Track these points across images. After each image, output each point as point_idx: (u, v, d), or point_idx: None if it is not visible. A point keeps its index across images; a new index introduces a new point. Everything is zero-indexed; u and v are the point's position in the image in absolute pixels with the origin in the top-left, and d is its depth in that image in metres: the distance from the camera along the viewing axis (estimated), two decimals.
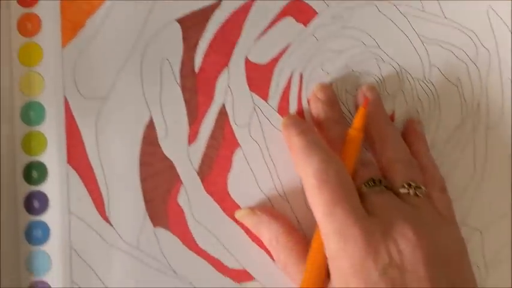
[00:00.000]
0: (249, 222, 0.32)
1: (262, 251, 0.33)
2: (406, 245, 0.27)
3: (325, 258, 0.29)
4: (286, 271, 0.31)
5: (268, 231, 0.32)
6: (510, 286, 0.34)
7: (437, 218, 0.30)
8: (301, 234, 0.33)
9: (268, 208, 0.33)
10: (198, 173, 0.33)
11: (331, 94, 0.33)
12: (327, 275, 0.29)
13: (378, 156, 0.32)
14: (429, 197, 0.31)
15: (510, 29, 0.35)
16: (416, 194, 0.30)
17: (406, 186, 0.30)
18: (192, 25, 0.33)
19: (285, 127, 0.32)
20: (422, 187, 0.30)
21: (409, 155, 0.32)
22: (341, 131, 0.32)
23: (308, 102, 0.34)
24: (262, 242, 0.33)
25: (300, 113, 0.34)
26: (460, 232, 0.31)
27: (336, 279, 0.28)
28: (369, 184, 0.30)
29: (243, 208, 0.33)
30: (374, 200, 0.29)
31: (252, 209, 0.32)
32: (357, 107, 0.33)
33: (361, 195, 0.29)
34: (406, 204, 0.29)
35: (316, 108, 0.33)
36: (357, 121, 0.31)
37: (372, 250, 0.27)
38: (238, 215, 0.33)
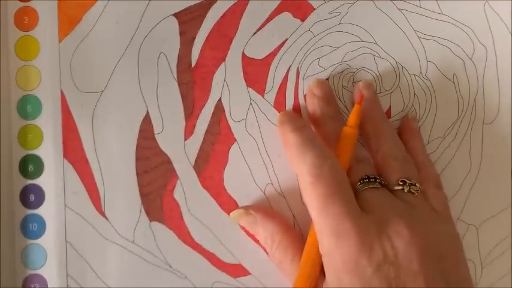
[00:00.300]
0: (244, 222, 0.32)
1: (258, 246, 0.33)
2: (400, 241, 0.27)
3: (319, 255, 0.29)
4: (281, 268, 0.31)
5: (264, 230, 0.32)
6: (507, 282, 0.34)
7: (432, 215, 0.30)
8: (297, 232, 0.33)
9: (263, 207, 0.33)
10: (194, 168, 0.33)
11: (328, 90, 0.33)
12: (322, 272, 0.29)
13: (373, 153, 0.32)
14: (424, 194, 0.31)
15: (507, 25, 0.35)
16: (410, 191, 0.30)
17: (401, 183, 0.30)
18: (189, 20, 0.33)
19: (280, 124, 0.32)
20: (417, 184, 0.30)
21: (405, 152, 0.32)
22: (337, 127, 0.32)
23: (305, 97, 0.34)
24: None
25: (297, 108, 0.34)
26: (455, 229, 0.31)
27: (329, 276, 0.28)
28: (364, 181, 0.30)
29: (237, 209, 0.33)
30: (369, 197, 0.29)
31: (246, 209, 0.32)
32: (353, 104, 0.33)
33: (356, 192, 0.29)
34: (400, 201, 0.29)
35: (313, 104, 0.33)
36: (352, 118, 0.31)
37: (366, 247, 0.27)
38: (233, 216, 0.33)
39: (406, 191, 0.30)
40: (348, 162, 0.31)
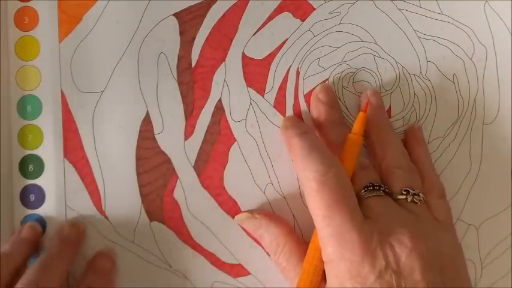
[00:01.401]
0: (248, 225, 0.32)
1: (258, 245, 0.33)
2: (402, 250, 0.27)
3: (321, 261, 0.29)
4: (284, 273, 0.31)
5: (268, 234, 0.32)
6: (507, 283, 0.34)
7: (434, 225, 0.30)
8: (300, 236, 0.33)
9: (267, 211, 0.33)
10: (194, 168, 0.33)
11: (333, 95, 0.33)
12: (323, 277, 0.29)
13: (378, 161, 0.32)
14: (427, 204, 0.31)
15: (507, 25, 0.35)
16: (413, 201, 0.30)
17: (404, 192, 0.30)
18: (189, 19, 0.33)
19: (284, 128, 0.32)
20: (421, 194, 0.30)
21: (409, 162, 0.32)
22: (341, 133, 0.32)
23: (305, 98, 0.34)
24: None
25: (298, 114, 0.34)
26: (457, 238, 0.31)
27: (332, 283, 0.28)
28: (368, 188, 0.30)
29: (242, 213, 0.33)
30: (372, 205, 0.29)
31: (252, 213, 0.32)
32: (358, 108, 0.33)
33: (360, 199, 0.29)
34: (404, 210, 0.29)
35: (317, 109, 0.33)
36: (357, 125, 0.31)
37: (369, 254, 0.27)
38: (238, 218, 0.33)
39: (409, 200, 0.30)
40: (352, 169, 0.31)
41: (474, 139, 0.34)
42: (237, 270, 0.33)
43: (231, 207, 0.33)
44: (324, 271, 0.29)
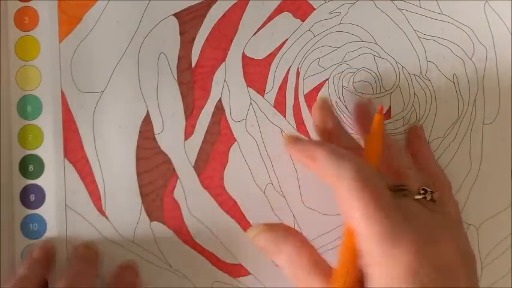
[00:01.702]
0: (264, 239, 0.30)
1: None
2: (448, 246, 0.27)
3: (353, 262, 0.27)
4: (305, 285, 0.29)
5: (286, 246, 0.29)
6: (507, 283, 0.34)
7: (454, 222, 0.30)
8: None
9: (282, 224, 0.32)
10: (195, 168, 0.33)
11: (330, 108, 0.33)
12: (358, 279, 0.28)
13: (386, 165, 0.31)
14: (441, 202, 0.31)
15: (507, 25, 0.35)
16: (432, 199, 0.30)
17: (422, 192, 0.30)
18: (189, 20, 0.33)
19: (292, 143, 0.31)
20: (436, 192, 0.30)
21: (412, 162, 0.32)
22: (351, 139, 0.32)
23: (305, 98, 0.34)
24: None
25: (297, 111, 0.33)
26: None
27: (377, 283, 0.27)
28: (394, 189, 0.29)
29: (257, 225, 0.31)
30: (403, 205, 0.28)
31: (268, 225, 0.30)
32: (357, 115, 0.33)
33: None
34: (426, 209, 0.29)
35: (323, 119, 0.33)
36: (376, 126, 0.31)
37: (422, 252, 0.26)
38: (252, 233, 0.31)
39: (428, 199, 0.29)
40: (376, 168, 0.30)
41: (474, 139, 0.34)
42: (237, 270, 0.33)
43: (231, 207, 0.33)
44: (357, 272, 0.28)
